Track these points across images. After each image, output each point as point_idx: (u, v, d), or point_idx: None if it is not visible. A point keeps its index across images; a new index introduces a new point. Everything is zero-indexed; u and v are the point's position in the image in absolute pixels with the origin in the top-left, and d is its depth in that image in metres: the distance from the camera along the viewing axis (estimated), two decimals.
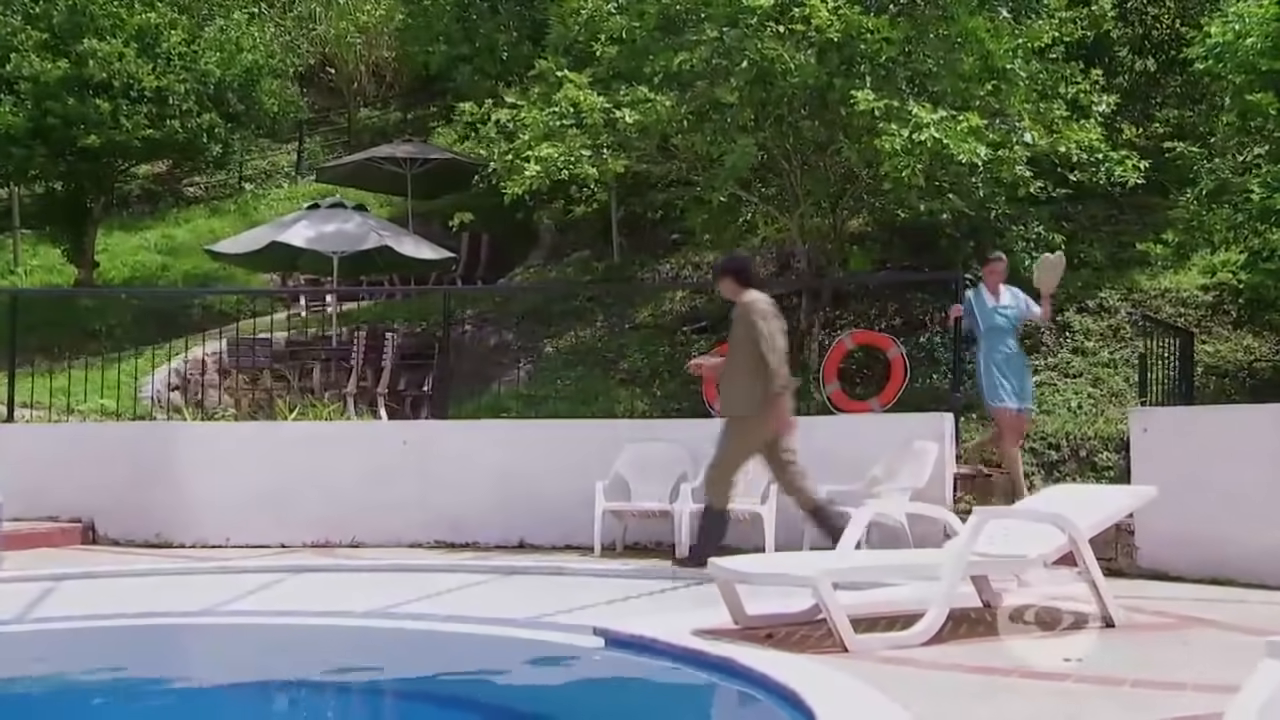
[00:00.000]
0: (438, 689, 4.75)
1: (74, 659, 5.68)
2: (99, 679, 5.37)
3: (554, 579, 7.84)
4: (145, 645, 5.98)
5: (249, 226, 20.62)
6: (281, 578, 7.90)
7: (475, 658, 5.42)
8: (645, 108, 9.67)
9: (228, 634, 6.18)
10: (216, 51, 15.09)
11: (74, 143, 14.19)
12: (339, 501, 9.55)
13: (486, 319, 15.32)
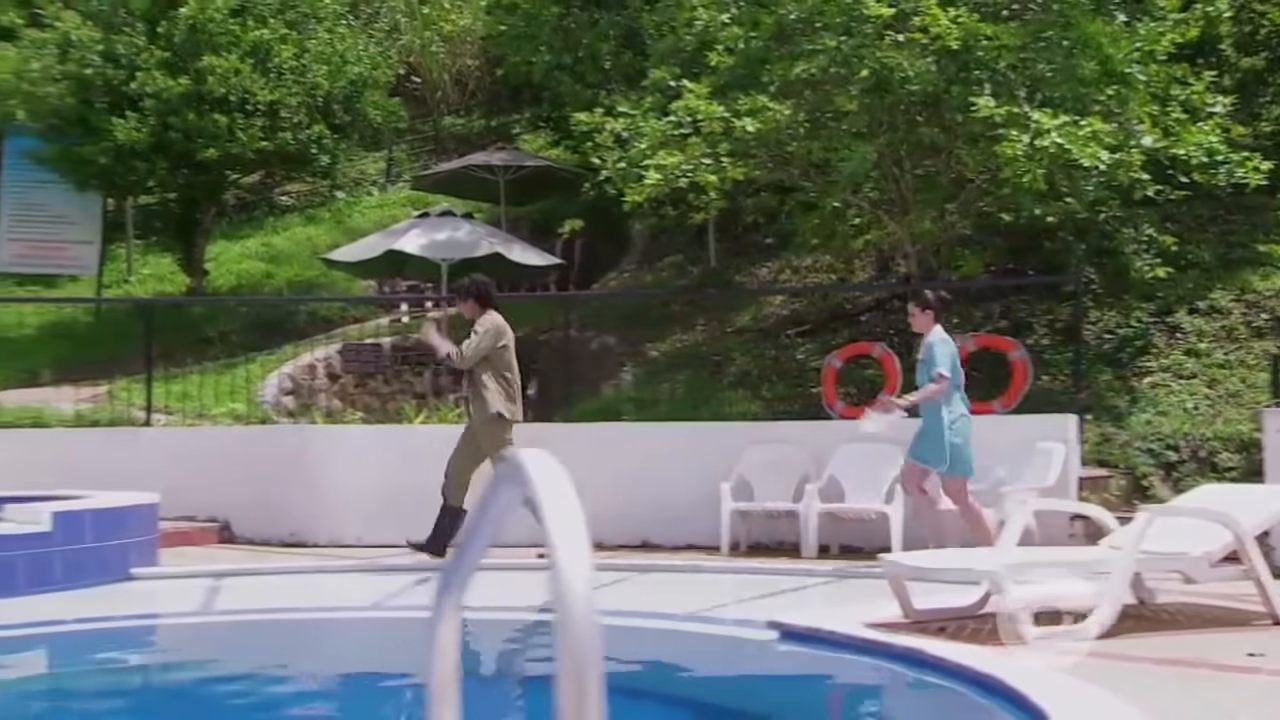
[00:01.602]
0: (634, 683, 4.97)
1: (273, 650, 6.02)
2: (311, 669, 5.69)
3: (691, 577, 8.10)
4: (329, 637, 6.33)
5: (344, 234, 21.15)
6: (427, 576, 8.22)
7: (657, 651, 5.65)
8: (765, 116, 9.90)
9: (402, 627, 6.49)
10: (324, 65, 15.55)
11: (192, 156, 14.70)
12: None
13: (587, 324, 15.62)
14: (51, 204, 16.86)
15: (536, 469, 1.32)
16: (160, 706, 5.11)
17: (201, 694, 5.29)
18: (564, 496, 1.27)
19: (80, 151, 14.92)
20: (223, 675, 5.70)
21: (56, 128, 15.18)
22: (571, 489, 1.31)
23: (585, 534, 1.26)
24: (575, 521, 1.24)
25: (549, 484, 1.29)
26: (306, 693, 5.43)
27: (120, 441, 10.87)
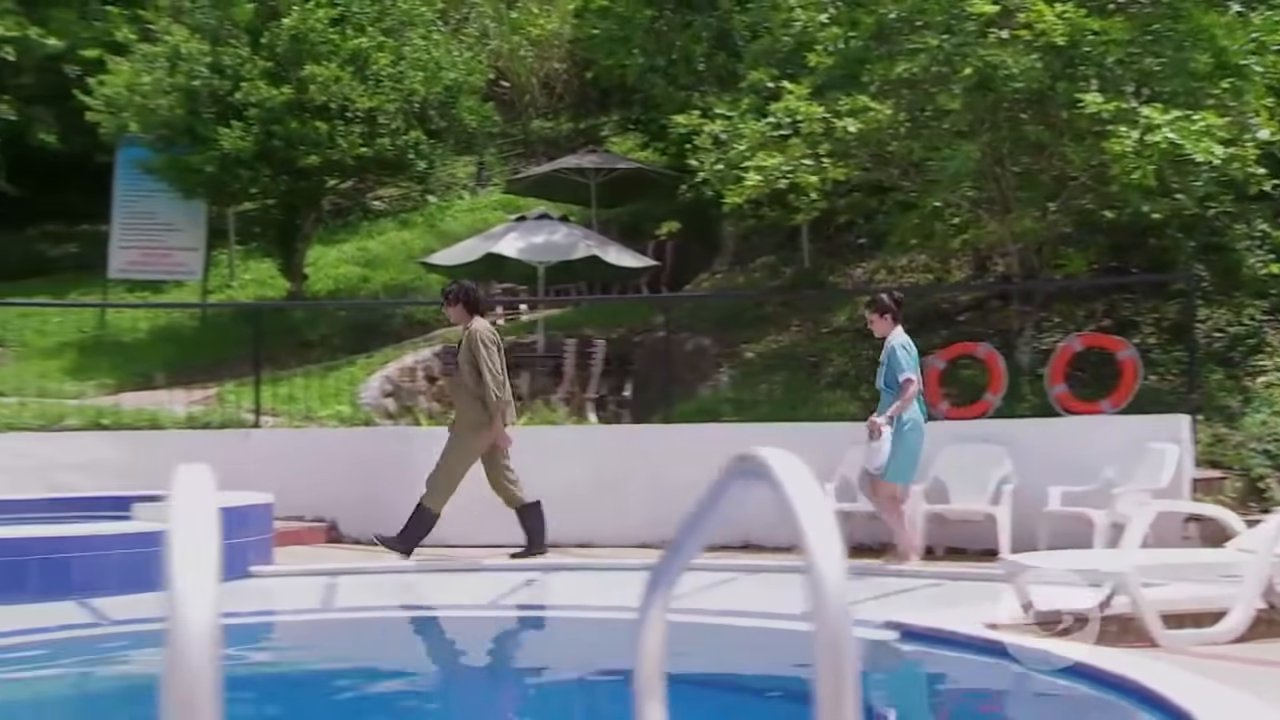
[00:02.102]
0: (764, 684, 5.05)
1: (394, 646, 6.19)
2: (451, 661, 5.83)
3: (799, 577, 8.12)
4: (446, 634, 6.49)
5: (437, 237, 21.51)
6: (536, 576, 8.36)
7: (783, 651, 5.70)
8: (866, 116, 9.89)
9: (517, 625, 6.63)
10: (420, 71, 15.84)
11: (294, 163, 15.07)
12: (570, 502, 9.97)
13: (681, 325, 15.69)
14: (159, 212, 17.41)
15: (782, 468, 1.38)
16: (290, 699, 5.30)
17: (328, 688, 5.46)
18: (814, 497, 1.33)
19: (188, 161, 15.38)
20: (347, 670, 5.87)
21: (166, 138, 15.66)
22: (818, 490, 1.36)
23: (838, 536, 1.32)
24: (827, 524, 1.30)
25: (797, 484, 1.35)
26: (426, 689, 5.57)
27: (231, 443, 11.17)
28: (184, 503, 1.20)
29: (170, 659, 1.06)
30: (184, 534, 1.16)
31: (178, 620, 1.09)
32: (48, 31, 18.74)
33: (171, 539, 1.16)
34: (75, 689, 5.48)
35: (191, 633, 1.07)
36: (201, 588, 1.10)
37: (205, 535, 1.15)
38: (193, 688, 1.06)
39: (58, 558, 7.28)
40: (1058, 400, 9.90)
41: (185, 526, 1.17)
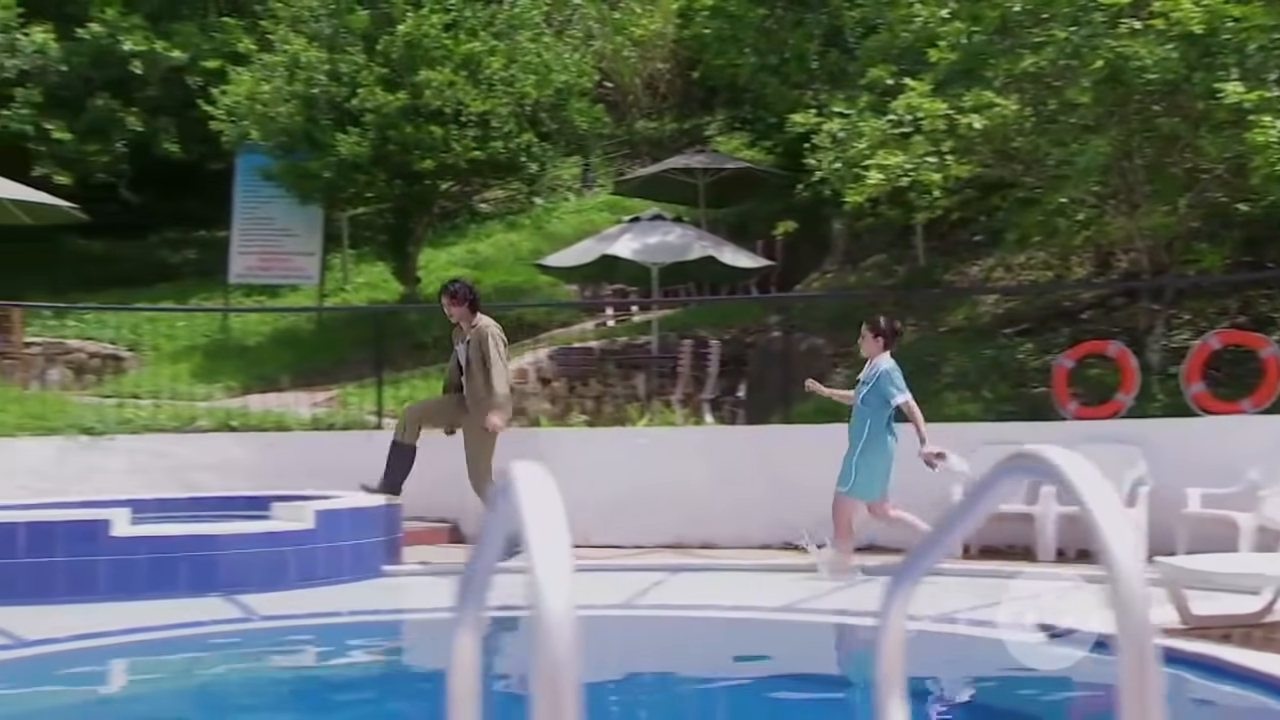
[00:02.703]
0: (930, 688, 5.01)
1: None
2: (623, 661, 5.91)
3: (928, 579, 8.05)
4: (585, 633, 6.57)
5: (545, 239, 21.75)
6: (664, 577, 8.42)
7: (940, 654, 5.67)
8: (990, 112, 9.77)
9: (656, 625, 6.69)
10: (531, 74, 16.04)
11: (409, 167, 15.37)
12: (690, 503, 10.05)
13: (794, 325, 15.66)
14: (277, 217, 17.89)
15: (1073, 469, 1.41)
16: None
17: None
18: (1108, 499, 1.35)
19: (306, 166, 15.78)
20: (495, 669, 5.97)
21: (285, 145, 16.08)
22: (1112, 491, 1.38)
23: (1134, 538, 1.33)
24: (1122, 526, 1.31)
25: (1092, 486, 1.37)
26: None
27: (355, 444, 11.41)
28: (530, 497, 1.27)
29: (535, 645, 1.14)
30: (537, 526, 1.24)
31: (541, 609, 1.16)
32: (171, 44, 19.36)
33: (527, 532, 1.23)
34: (233, 682, 5.68)
35: (554, 620, 1.14)
36: (559, 577, 1.18)
37: (557, 526, 1.22)
38: (557, 671, 1.14)
39: (205, 555, 7.55)
40: (1195, 400, 9.68)
41: (536, 519, 1.25)
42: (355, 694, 5.33)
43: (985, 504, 1.59)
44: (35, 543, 7.24)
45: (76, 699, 5.33)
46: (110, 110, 19.32)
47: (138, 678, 5.72)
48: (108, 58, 19.28)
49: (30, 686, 5.42)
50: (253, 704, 5.14)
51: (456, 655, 1.69)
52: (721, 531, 10.00)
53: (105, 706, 5.24)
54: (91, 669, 5.70)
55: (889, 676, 1.83)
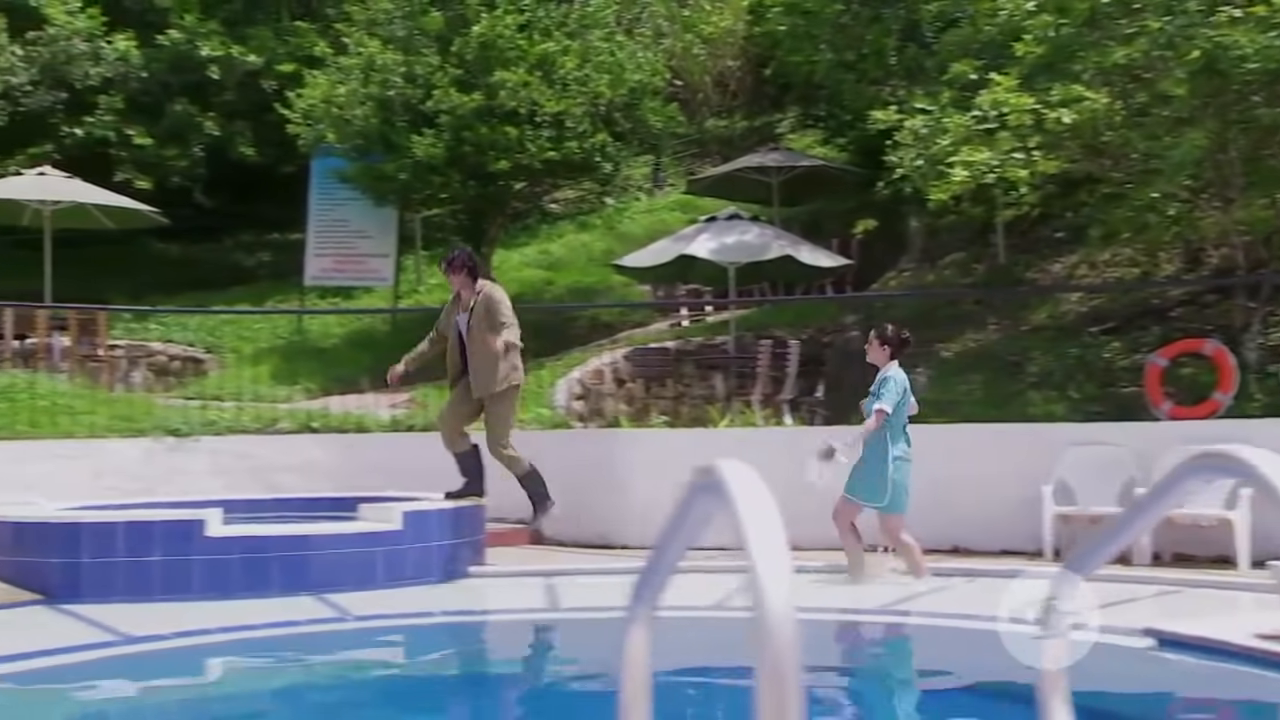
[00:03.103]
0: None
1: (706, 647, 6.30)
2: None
3: (1018, 583, 7.97)
4: (676, 633, 6.59)
5: (616, 239, 21.83)
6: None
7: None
8: (1080, 106, 9.64)
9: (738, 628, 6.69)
10: (605, 74, 16.11)
11: (484, 168, 15.50)
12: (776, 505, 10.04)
13: (873, 324, 15.54)
14: (352, 220, 18.14)
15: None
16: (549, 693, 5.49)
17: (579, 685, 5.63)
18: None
19: (382, 169, 15.98)
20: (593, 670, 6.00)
21: (360, 147, 16.30)
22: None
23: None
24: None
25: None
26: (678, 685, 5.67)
27: (434, 445, 11.50)
28: (744, 496, 1.30)
29: (759, 639, 1.16)
30: (753, 526, 1.26)
31: (763, 605, 1.18)
32: (247, 49, 19.73)
33: (745, 530, 1.26)
34: (337, 681, 5.78)
35: (776, 617, 1.16)
36: (779, 575, 1.20)
37: (773, 525, 1.24)
38: (780, 668, 1.15)
39: (297, 555, 7.68)
40: None
41: (752, 518, 1.27)
42: (457, 694, 5.39)
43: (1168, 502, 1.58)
44: (133, 542, 7.42)
45: (187, 694, 5.46)
46: (188, 115, 19.73)
47: (243, 675, 5.84)
48: (186, 63, 19.70)
49: (140, 681, 5.56)
50: (358, 703, 5.23)
51: (629, 650, 1.71)
52: (807, 533, 9.91)
53: (214, 703, 5.36)
54: (197, 665, 5.84)
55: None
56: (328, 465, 11.18)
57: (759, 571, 1.22)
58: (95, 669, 5.54)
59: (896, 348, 8.11)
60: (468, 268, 8.68)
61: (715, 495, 1.42)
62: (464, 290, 8.70)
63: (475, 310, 8.60)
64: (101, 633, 6.13)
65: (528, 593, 7.78)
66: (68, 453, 10.54)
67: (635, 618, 1.72)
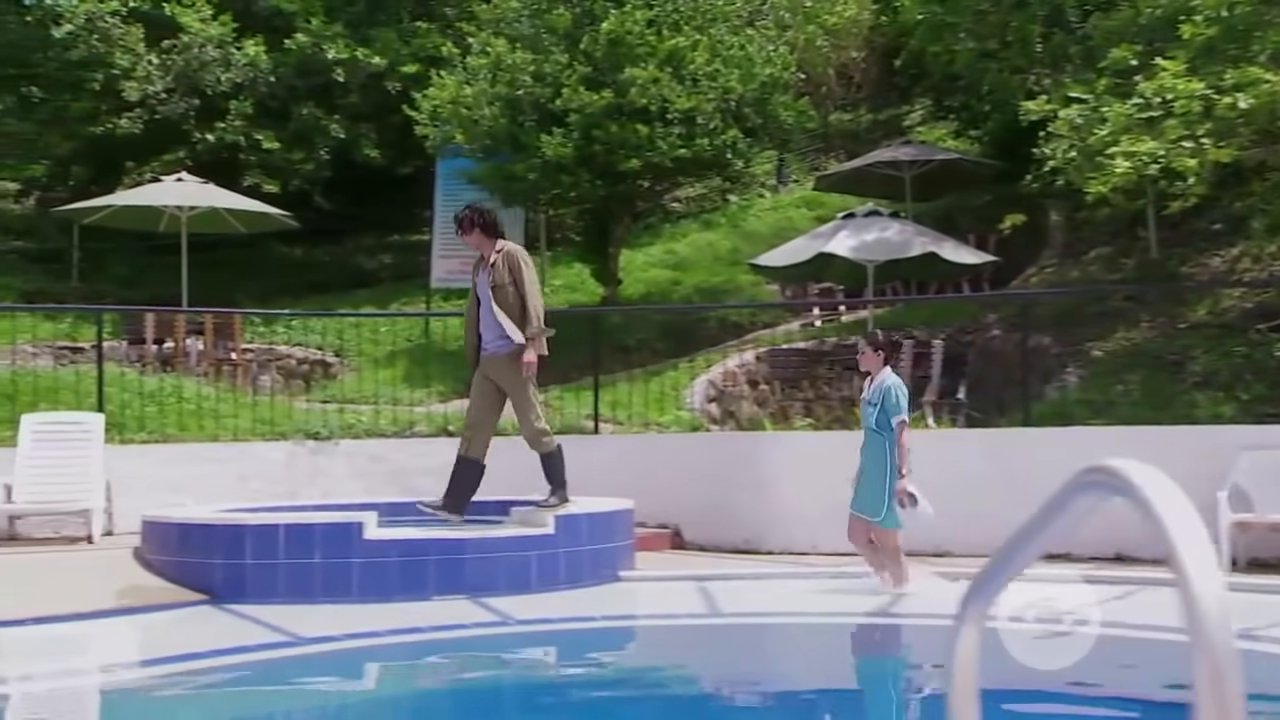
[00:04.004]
0: None
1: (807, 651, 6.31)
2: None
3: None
4: (835, 639, 6.57)
5: (742, 237, 21.79)
6: (912, 589, 8.29)
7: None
8: (1258, 89, 9.33)
9: (913, 633, 6.63)
10: (735, 69, 16.09)
11: (614, 167, 15.59)
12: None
13: (1015, 322, 15.28)
14: None
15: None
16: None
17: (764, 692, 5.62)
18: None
19: (511, 169, 16.17)
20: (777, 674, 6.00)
21: (488, 148, 16.52)
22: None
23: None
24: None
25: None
26: (836, 691, 5.65)
27: (572, 449, 11.62)
28: (1165, 503, 1.27)
29: (1197, 655, 1.14)
30: (1179, 534, 1.24)
31: (1198, 616, 1.16)
32: (371, 51, 20.16)
33: (1171, 540, 1.23)
34: (513, 684, 5.87)
35: (1211, 627, 1.14)
36: (1209, 578, 1.18)
37: (1199, 532, 1.22)
38: (1219, 667, 1.13)
39: (453, 558, 7.82)
40: None
41: (1178, 527, 1.24)
42: (640, 702, 5.43)
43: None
44: (294, 544, 7.64)
45: (368, 696, 5.60)
46: (314, 118, 20.23)
47: (420, 677, 5.97)
48: (312, 66, 20.20)
49: (321, 681, 5.72)
50: (543, 708, 5.30)
51: (960, 651, 1.69)
52: (957, 539, 9.81)
53: (398, 705, 5.49)
54: (373, 667, 5.98)
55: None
56: None
57: (1190, 583, 1.20)
58: (274, 669, 5.72)
59: (889, 353, 8.25)
60: (480, 225, 8.03)
61: (1112, 496, 1.39)
62: (482, 249, 8.08)
63: (497, 268, 7.99)
64: (274, 633, 6.32)
65: (685, 598, 7.80)
66: (215, 456, 10.88)
67: (968, 617, 1.70)
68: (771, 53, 16.85)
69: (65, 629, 6.55)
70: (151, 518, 8.57)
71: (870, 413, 8.00)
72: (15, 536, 9.73)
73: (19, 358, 13.85)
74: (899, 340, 8.54)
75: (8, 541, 9.56)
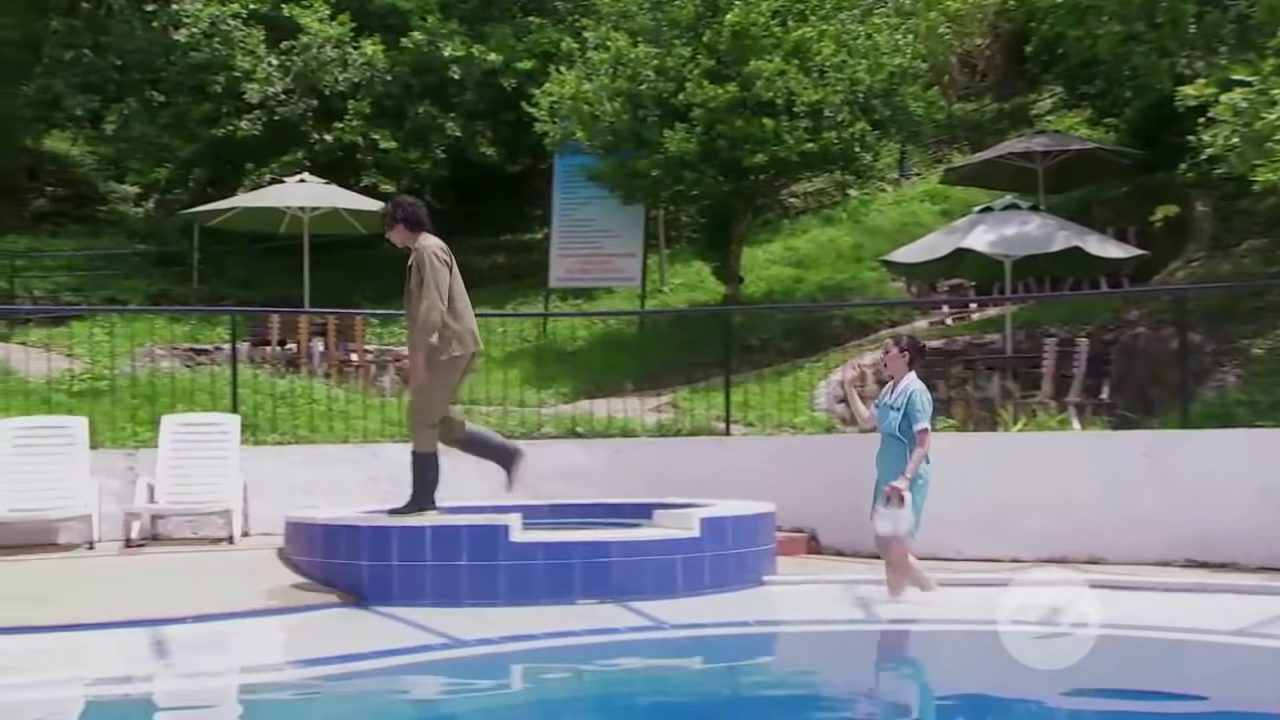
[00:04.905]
0: None
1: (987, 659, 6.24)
2: None
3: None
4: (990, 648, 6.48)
5: (864, 233, 21.63)
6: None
7: None
8: None
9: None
10: (863, 59, 15.98)
11: (739, 162, 15.59)
12: (1072, 515, 9.69)
13: (1161, 320, 14.92)
14: (597, 219, 18.54)
15: None
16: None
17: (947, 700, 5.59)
18: None
19: (633, 166, 16.27)
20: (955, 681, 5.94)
21: (609, 144, 16.63)
22: None
23: None
24: None
25: None
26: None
27: (703, 450, 11.65)
28: None
29: None
30: None
31: None
32: (487, 48, 20.45)
33: None
34: (672, 688, 5.91)
35: None
36: None
37: None
38: None
39: (599, 561, 7.89)
40: None
41: None
42: (805, 704, 5.44)
43: None
44: (440, 546, 7.77)
45: (534, 698, 5.69)
46: (430, 117, 20.59)
47: (584, 682, 6.03)
48: (428, 64, 20.56)
49: (485, 683, 5.82)
50: (714, 715, 5.33)
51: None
52: (1111, 545, 9.61)
53: (566, 708, 5.56)
54: (535, 670, 6.07)
55: None
56: (592, 470, 11.41)
57: None
58: (439, 670, 5.85)
59: (915, 356, 8.15)
60: (403, 219, 7.79)
61: None
62: (407, 244, 7.80)
63: (412, 269, 7.76)
64: (431, 635, 6.45)
65: (837, 602, 7.76)
66: (346, 457, 11.12)
67: None
68: (899, 41, 16.68)
69: (225, 627, 6.77)
70: (295, 519, 8.80)
71: (893, 418, 7.93)
72: (157, 536, 10.07)
73: (149, 360, 14.29)
74: (924, 344, 8.48)
75: (150, 541, 9.89)
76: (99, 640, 6.40)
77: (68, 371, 12.35)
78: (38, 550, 9.40)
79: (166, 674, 5.82)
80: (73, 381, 11.73)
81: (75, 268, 19.85)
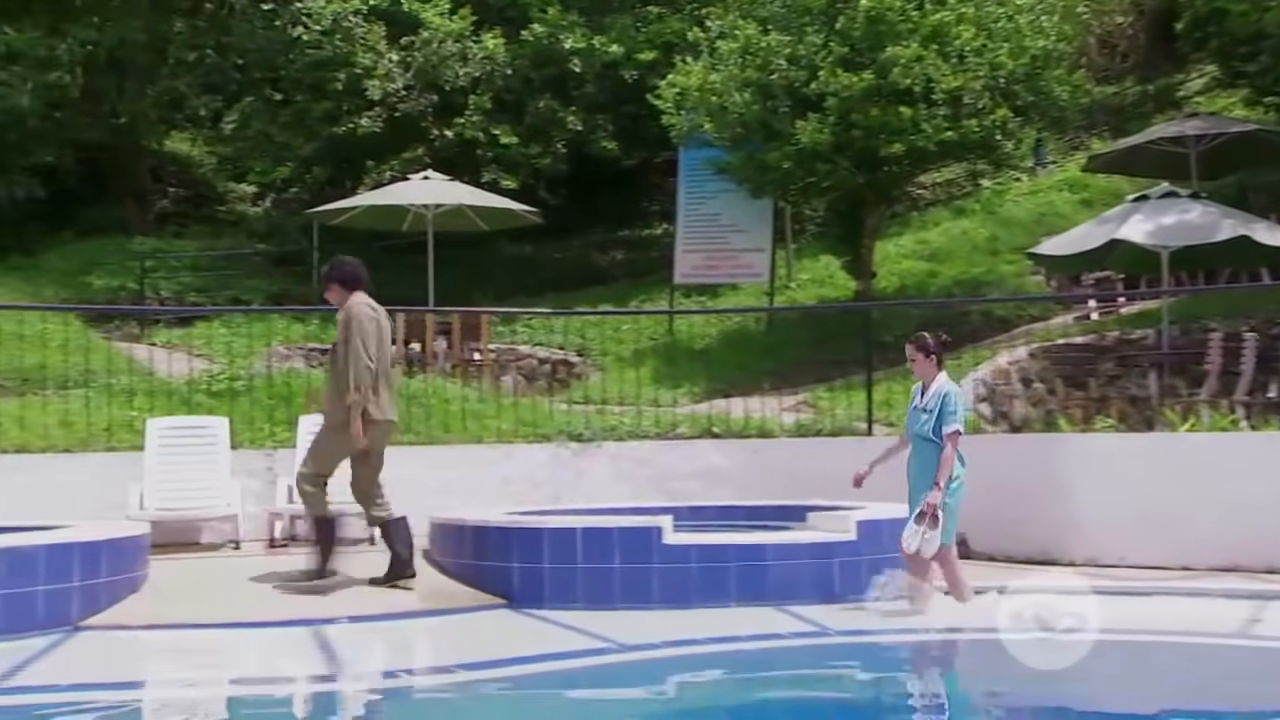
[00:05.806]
0: None
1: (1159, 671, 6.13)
2: None
3: None
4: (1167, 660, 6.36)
5: (999, 224, 21.28)
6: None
7: None
8: None
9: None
10: (1004, 42, 15.73)
11: (875, 153, 15.46)
12: (1247, 521, 9.45)
13: None
14: (723, 213, 18.53)
15: None
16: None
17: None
18: None
19: (763, 158, 16.22)
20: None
21: (737, 136, 16.61)
22: None
23: None
24: None
25: None
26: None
27: (845, 451, 11.52)
28: None
29: None
30: None
31: None
32: (608, 40, 20.58)
33: None
34: (853, 696, 5.91)
35: None
36: None
37: None
38: None
39: (754, 565, 7.91)
40: None
41: None
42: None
43: None
44: (592, 548, 7.86)
45: (705, 704, 5.72)
46: (551, 110, 20.78)
47: (759, 688, 6.06)
48: (548, 57, 20.76)
49: (657, 688, 5.87)
50: None
51: None
52: None
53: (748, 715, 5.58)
54: (704, 676, 6.11)
55: None
56: (729, 471, 11.44)
57: None
58: (605, 676, 5.92)
59: (940, 355, 7.96)
60: (337, 279, 8.04)
61: None
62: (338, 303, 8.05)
63: (338, 327, 8.01)
64: (591, 639, 6.52)
65: (997, 610, 7.66)
66: (480, 458, 11.29)
67: None
68: (1043, 23, 16.39)
69: (382, 628, 6.92)
70: (441, 520, 8.96)
71: (926, 420, 7.77)
72: (295, 537, 10.32)
73: (274, 359, 14.67)
74: (947, 339, 8.34)
75: (290, 542, 10.14)
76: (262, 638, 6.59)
77: (205, 372, 12.72)
78: (183, 550, 9.71)
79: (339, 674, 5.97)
80: (211, 382, 12.07)
81: (199, 268, 20.44)
